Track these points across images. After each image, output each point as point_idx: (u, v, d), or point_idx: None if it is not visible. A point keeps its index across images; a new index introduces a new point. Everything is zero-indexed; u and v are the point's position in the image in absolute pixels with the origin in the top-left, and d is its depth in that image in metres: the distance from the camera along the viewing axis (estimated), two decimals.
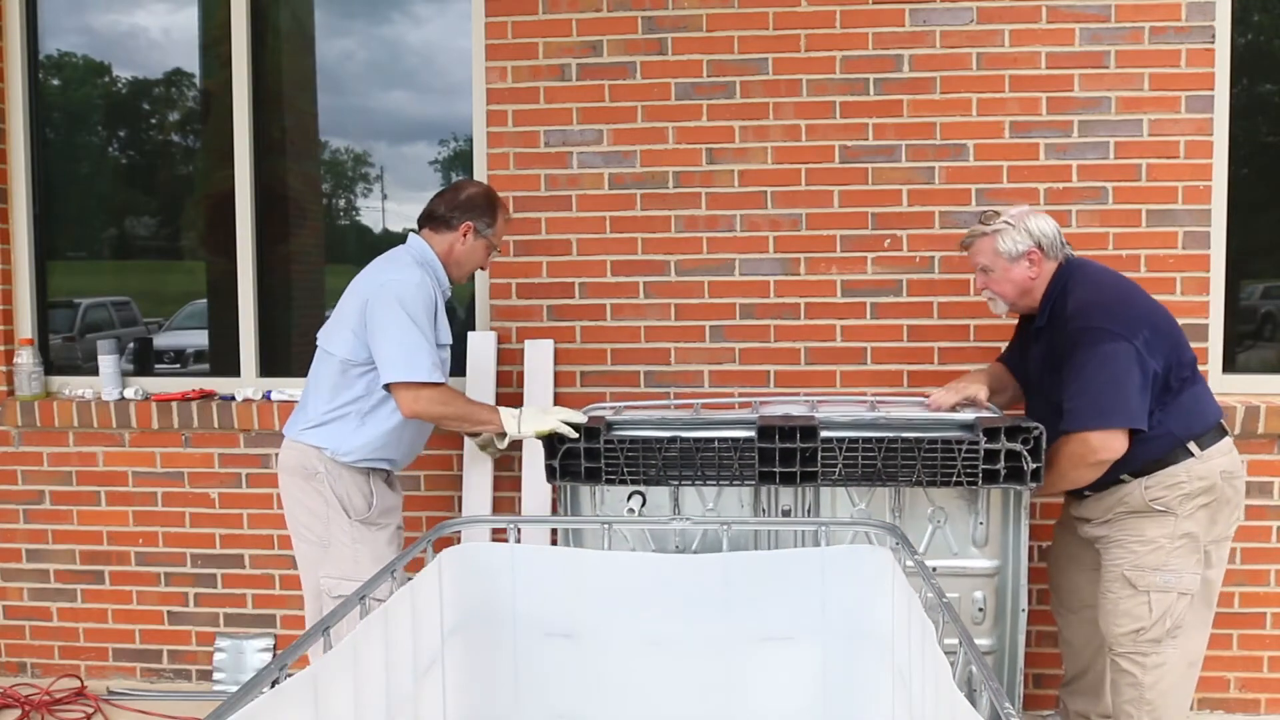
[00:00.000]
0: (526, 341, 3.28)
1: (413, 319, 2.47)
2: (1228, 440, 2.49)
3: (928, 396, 2.73)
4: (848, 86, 3.16)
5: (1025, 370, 2.68)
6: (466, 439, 3.20)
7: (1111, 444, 2.35)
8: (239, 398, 3.42)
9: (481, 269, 2.79)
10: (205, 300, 3.69)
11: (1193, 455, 2.42)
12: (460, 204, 2.66)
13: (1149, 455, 2.41)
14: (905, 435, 2.47)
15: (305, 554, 2.61)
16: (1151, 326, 2.41)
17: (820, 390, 3.18)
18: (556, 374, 3.28)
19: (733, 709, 2.09)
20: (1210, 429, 2.46)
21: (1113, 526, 2.51)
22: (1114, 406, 2.35)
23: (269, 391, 3.45)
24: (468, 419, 2.57)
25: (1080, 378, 2.37)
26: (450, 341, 2.63)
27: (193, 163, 3.70)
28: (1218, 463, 2.44)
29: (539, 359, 3.26)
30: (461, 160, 3.47)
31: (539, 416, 2.52)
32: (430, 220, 2.68)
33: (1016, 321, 2.82)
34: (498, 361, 3.28)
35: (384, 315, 2.48)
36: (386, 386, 2.51)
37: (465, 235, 2.65)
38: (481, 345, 3.28)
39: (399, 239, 2.73)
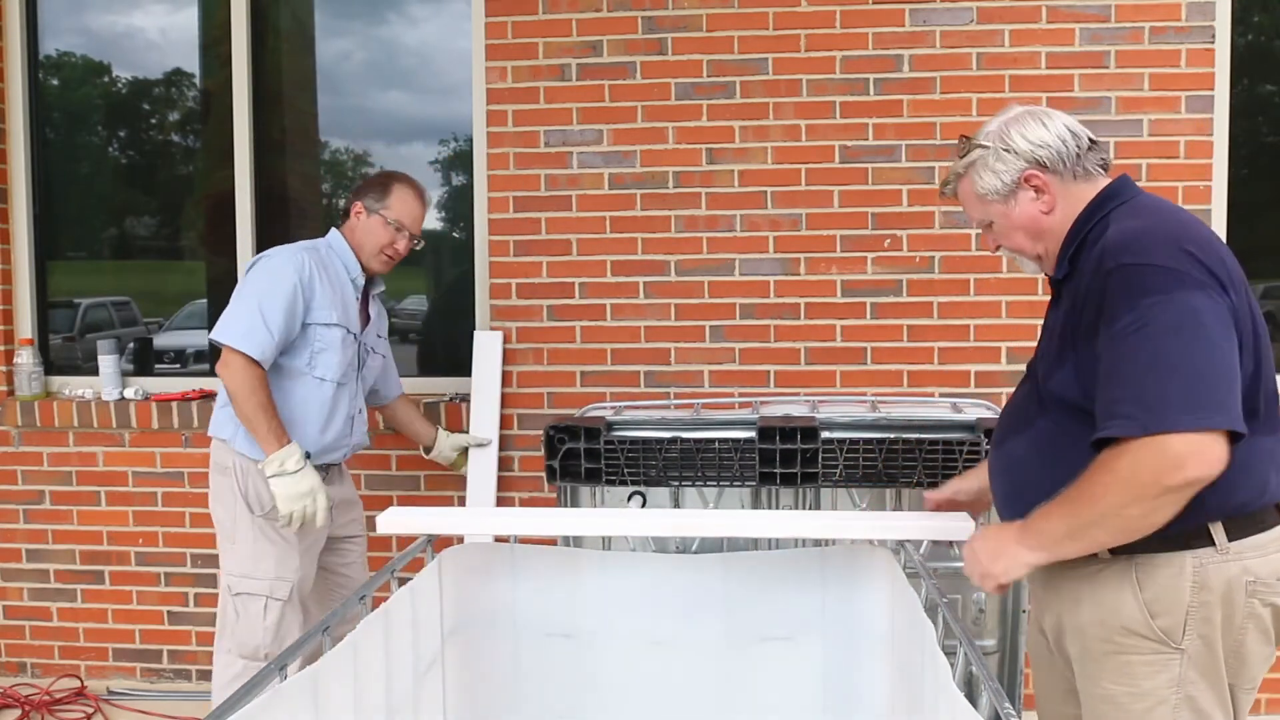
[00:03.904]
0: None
1: (256, 289, 2.44)
2: (1275, 533, 1.55)
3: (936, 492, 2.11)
4: (848, 86, 3.16)
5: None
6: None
7: (1209, 453, 1.39)
8: None
9: (390, 254, 2.62)
10: (205, 300, 3.69)
11: (1213, 544, 1.52)
12: (355, 189, 2.70)
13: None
14: (906, 436, 2.47)
15: (220, 550, 2.56)
16: (1240, 289, 1.51)
17: (820, 390, 3.17)
18: (556, 374, 3.29)
19: (733, 709, 2.09)
20: (1257, 508, 1.54)
21: (1087, 654, 1.62)
22: (1204, 391, 1.40)
23: None
24: (251, 424, 2.38)
25: (1139, 346, 1.42)
26: (352, 328, 2.57)
27: (193, 163, 3.69)
28: (1247, 565, 1.53)
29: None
30: (461, 160, 3.47)
31: (292, 490, 2.38)
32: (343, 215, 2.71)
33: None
34: (502, 361, 3.28)
35: (240, 282, 2.53)
36: (211, 343, 2.47)
37: (358, 215, 2.61)
38: (487, 344, 3.28)
39: None
